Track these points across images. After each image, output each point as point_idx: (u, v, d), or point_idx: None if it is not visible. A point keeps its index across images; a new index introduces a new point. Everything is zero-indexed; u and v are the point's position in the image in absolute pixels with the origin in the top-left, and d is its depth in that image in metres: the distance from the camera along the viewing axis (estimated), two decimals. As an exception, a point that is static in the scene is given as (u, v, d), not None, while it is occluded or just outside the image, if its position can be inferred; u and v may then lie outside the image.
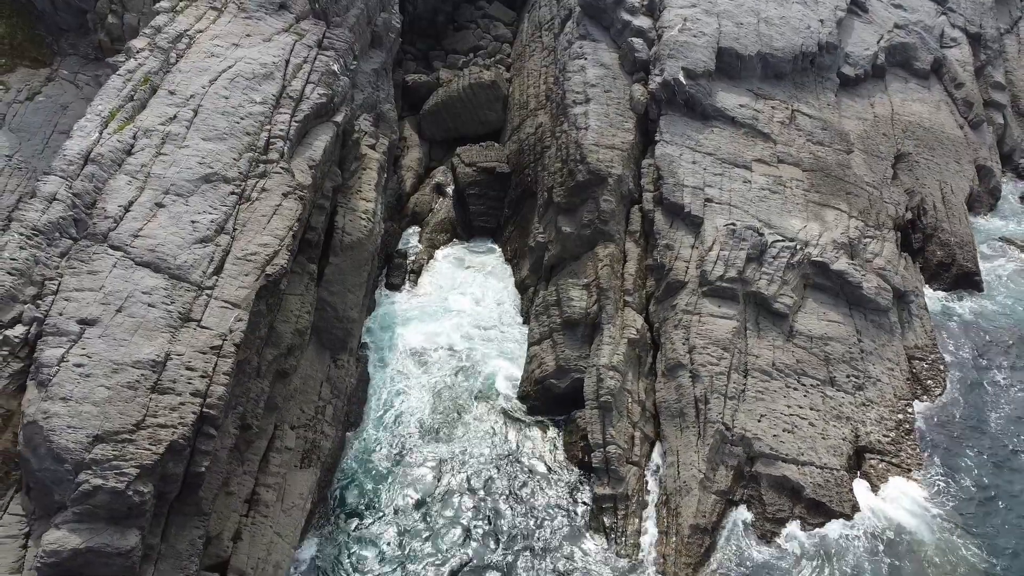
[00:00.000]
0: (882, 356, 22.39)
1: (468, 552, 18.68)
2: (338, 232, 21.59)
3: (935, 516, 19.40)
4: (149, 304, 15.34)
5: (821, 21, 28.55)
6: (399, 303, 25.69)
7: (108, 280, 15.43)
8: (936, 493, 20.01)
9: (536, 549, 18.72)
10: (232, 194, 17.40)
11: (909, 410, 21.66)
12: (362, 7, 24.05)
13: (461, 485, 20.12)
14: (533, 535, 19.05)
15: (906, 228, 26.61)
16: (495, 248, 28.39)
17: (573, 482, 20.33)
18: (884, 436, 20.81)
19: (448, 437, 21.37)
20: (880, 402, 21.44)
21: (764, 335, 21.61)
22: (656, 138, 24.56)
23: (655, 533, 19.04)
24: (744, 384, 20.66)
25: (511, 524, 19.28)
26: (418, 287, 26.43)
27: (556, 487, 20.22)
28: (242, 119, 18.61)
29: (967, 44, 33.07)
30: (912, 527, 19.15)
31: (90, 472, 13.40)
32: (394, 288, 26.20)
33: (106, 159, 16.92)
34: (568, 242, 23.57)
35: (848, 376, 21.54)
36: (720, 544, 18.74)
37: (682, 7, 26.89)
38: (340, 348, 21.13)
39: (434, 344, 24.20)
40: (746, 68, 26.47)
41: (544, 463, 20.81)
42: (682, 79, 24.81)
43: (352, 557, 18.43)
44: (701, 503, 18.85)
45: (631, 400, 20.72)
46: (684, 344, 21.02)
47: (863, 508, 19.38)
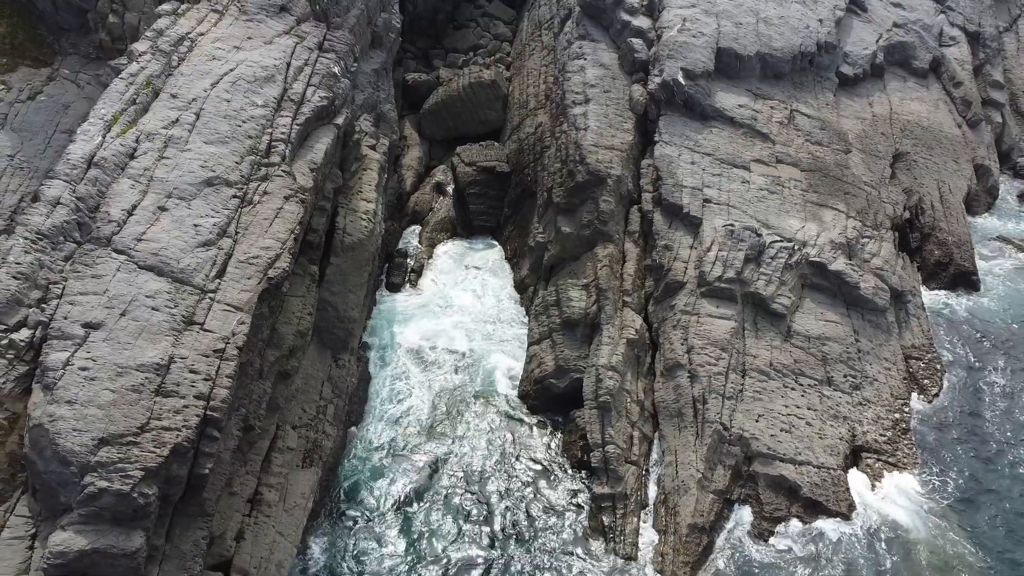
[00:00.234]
0: (879, 356, 22.56)
1: (467, 550, 18.88)
2: (339, 233, 21.72)
3: (931, 514, 19.58)
4: (153, 308, 15.49)
5: (820, 21, 28.64)
6: (400, 302, 25.84)
7: (112, 284, 15.58)
8: (932, 492, 20.19)
9: (535, 548, 18.92)
10: (234, 197, 17.54)
11: (906, 409, 21.84)
12: (362, 8, 24.13)
13: (460, 484, 20.30)
14: (533, 534, 19.24)
15: (904, 227, 26.76)
16: (495, 243, 28.54)
17: (572, 481, 20.51)
18: (881, 435, 21.00)
19: (448, 436, 21.55)
20: (877, 402, 21.62)
21: (762, 335, 21.77)
22: (655, 138, 24.68)
23: (653, 532, 19.24)
24: (742, 384, 20.84)
25: (510, 523, 19.47)
26: (419, 286, 26.58)
27: (555, 486, 20.41)
28: (244, 122, 18.73)
29: (966, 43, 33.16)
30: (908, 526, 19.33)
31: (95, 474, 13.56)
32: (395, 287, 26.34)
33: (109, 163, 17.05)
34: (567, 242, 23.71)
35: (845, 376, 21.71)
36: (718, 543, 18.95)
37: (681, 7, 26.97)
38: (341, 348, 21.29)
39: (435, 342, 24.37)
40: (745, 68, 26.57)
41: (543, 462, 21.00)
42: (681, 79, 24.91)
43: (353, 555, 18.62)
44: (699, 502, 19.04)
45: (630, 400, 20.90)
46: (682, 344, 21.19)
47: (860, 507, 19.58)
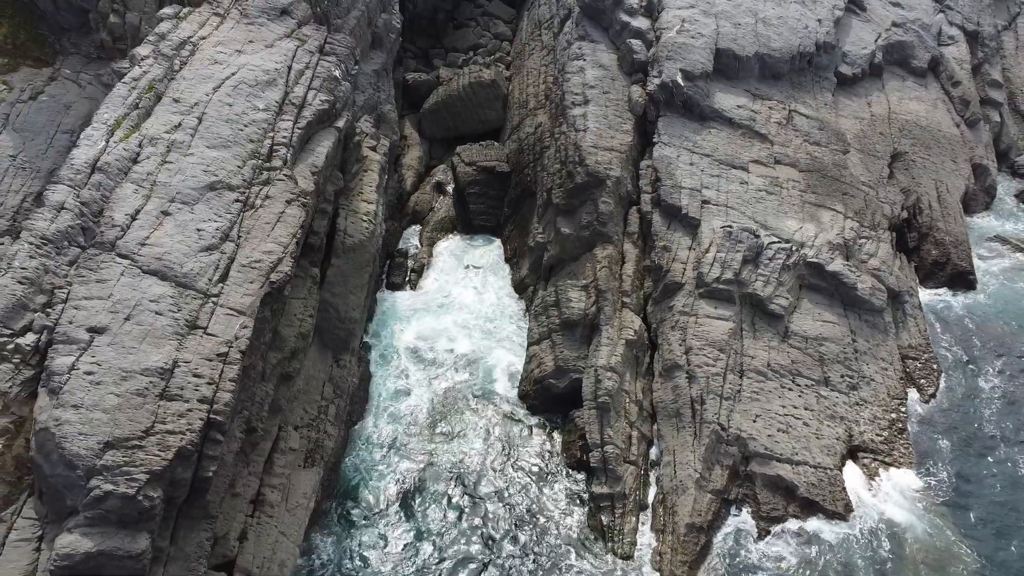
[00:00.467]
0: (876, 356, 22.75)
1: (467, 548, 19.09)
2: (340, 234, 21.86)
3: (927, 514, 19.78)
4: (156, 312, 15.65)
5: (819, 21, 28.72)
6: (400, 301, 25.98)
7: (116, 288, 15.73)
8: (928, 491, 20.39)
9: (535, 547, 19.14)
10: (236, 202, 17.68)
11: (902, 409, 22.04)
12: (363, 9, 24.22)
13: (460, 483, 20.50)
14: (532, 533, 19.45)
15: (902, 227, 26.90)
16: (494, 239, 28.67)
17: (571, 481, 20.72)
18: (877, 435, 21.20)
19: (448, 435, 21.74)
20: (874, 401, 21.82)
21: (760, 336, 21.95)
22: (654, 140, 24.81)
23: (652, 532, 19.45)
24: (740, 385, 21.02)
25: (510, 522, 19.68)
26: (419, 286, 26.73)
27: (554, 486, 20.62)
28: (246, 126, 18.85)
29: (964, 42, 33.25)
30: (905, 525, 19.53)
31: (101, 478, 13.75)
32: (395, 287, 26.49)
33: (112, 168, 17.19)
34: (567, 243, 23.86)
35: (842, 376, 21.90)
36: (715, 542, 19.17)
37: (680, 8, 27.05)
38: (342, 348, 21.45)
39: (435, 342, 24.54)
40: (744, 69, 26.68)
41: (543, 462, 21.20)
42: (680, 81, 25.01)
43: (355, 554, 18.84)
44: (697, 502, 19.25)
45: (629, 400, 21.09)
46: (681, 345, 21.37)
47: (856, 506, 19.78)
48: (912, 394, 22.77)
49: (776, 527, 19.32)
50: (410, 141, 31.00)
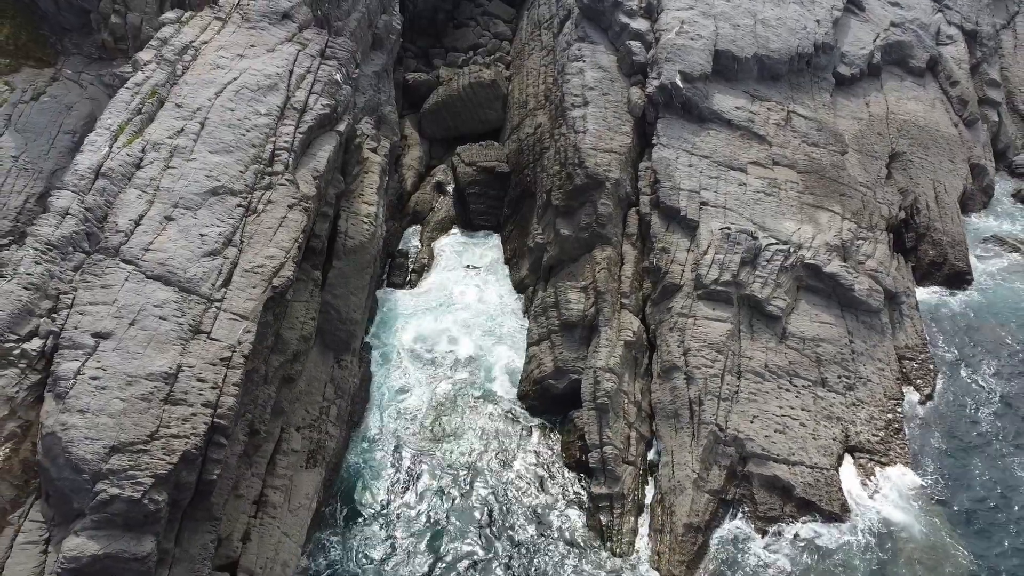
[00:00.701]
0: (873, 356, 22.93)
1: (467, 548, 19.31)
2: (341, 236, 22.01)
3: (924, 514, 19.94)
4: (161, 317, 15.83)
5: (817, 21, 28.82)
6: (401, 302, 26.15)
7: (121, 294, 15.90)
8: (925, 491, 20.56)
9: (534, 547, 19.36)
10: (239, 207, 17.83)
11: (899, 409, 22.22)
12: (363, 11, 24.32)
13: (460, 483, 20.72)
14: (531, 533, 19.67)
15: (899, 227, 27.05)
16: (495, 238, 28.80)
17: (570, 481, 20.93)
18: (874, 435, 21.40)
19: (448, 435, 21.94)
20: (870, 402, 22.01)
21: (757, 337, 22.13)
22: (653, 141, 24.93)
23: (650, 531, 19.66)
24: (737, 386, 21.21)
25: (509, 522, 19.90)
26: (420, 286, 26.90)
27: (554, 486, 20.83)
28: (248, 131, 18.99)
29: (963, 41, 33.34)
30: (901, 524, 19.70)
31: (107, 482, 13.93)
32: (396, 287, 26.66)
33: (116, 173, 17.33)
34: (566, 244, 24.02)
35: (839, 377, 22.09)
36: (713, 542, 19.36)
37: (680, 9, 27.16)
38: (343, 349, 21.63)
39: (435, 342, 24.70)
40: (742, 70, 26.79)
41: (542, 463, 21.41)
42: (679, 82, 25.13)
43: (356, 553, 19.05)
44: (695, 502, 19.46)
45: (627, 401, 21.28)
46: (679, 347, 21.56)
47: (852, 507, 19.96)
48: (909, 394, 22.96)
49: (773, 527, 19.52)
50: (410, 141, 31.11)
